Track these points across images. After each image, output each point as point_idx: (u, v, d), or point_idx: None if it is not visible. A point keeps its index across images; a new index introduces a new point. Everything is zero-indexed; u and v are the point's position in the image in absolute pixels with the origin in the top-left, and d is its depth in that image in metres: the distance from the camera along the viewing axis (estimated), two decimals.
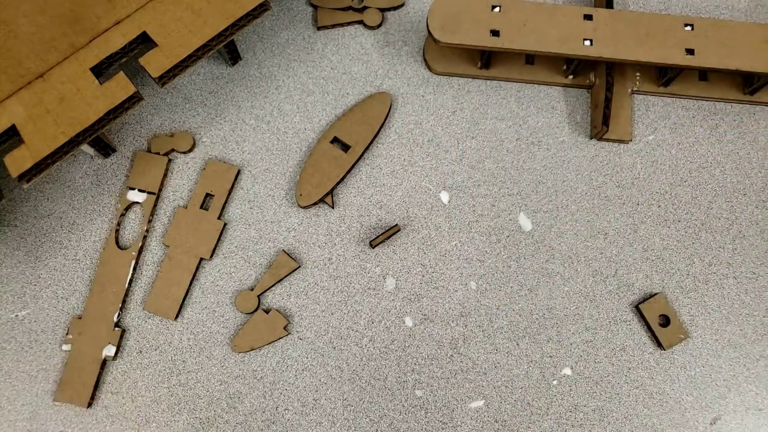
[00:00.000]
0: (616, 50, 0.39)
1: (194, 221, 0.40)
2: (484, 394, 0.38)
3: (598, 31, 0.39)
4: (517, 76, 0.43)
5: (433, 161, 0.42)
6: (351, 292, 0.39)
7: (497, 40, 0.39)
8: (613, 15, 0.40)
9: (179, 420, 0.37)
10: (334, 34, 0.45)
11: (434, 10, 0.40)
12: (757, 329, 0.39)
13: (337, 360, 0.38)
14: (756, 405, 0.38)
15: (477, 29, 0.39)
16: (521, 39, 0.39)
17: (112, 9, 0.36)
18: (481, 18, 0.40)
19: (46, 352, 0.38)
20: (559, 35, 0.39)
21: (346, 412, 0.37)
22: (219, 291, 0.39)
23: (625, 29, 0.39)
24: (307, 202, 0.40)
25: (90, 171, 0.42)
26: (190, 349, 0.38)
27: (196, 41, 0.36)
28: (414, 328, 0.39)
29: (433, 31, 0.39)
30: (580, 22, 0.39)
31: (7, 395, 0.38)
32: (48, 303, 0.39)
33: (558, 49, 0.39)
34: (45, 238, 0.40)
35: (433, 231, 0.40)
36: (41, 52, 0.35)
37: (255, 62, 0.44)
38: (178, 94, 0.43)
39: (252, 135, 0.42)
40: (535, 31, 0.39)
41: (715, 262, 0.40)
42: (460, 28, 0.39)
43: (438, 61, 0.43)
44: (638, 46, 0.39)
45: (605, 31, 0.39)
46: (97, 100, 0.35)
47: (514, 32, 0.39)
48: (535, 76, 0.43)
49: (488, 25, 0.39)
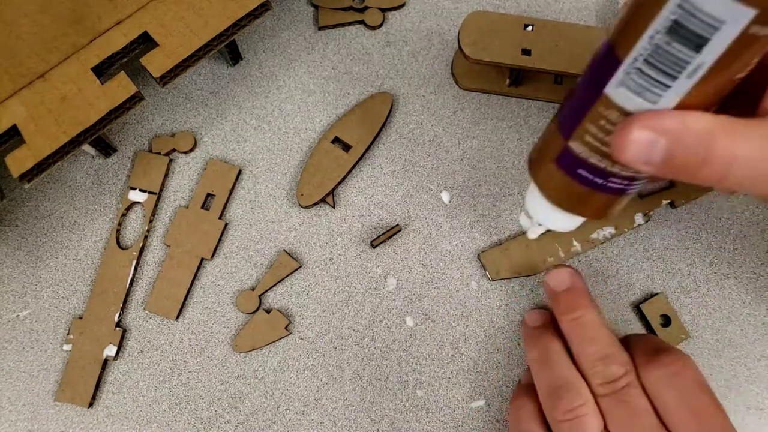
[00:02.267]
0: None
1: (195, 221, 0.40)
2: (485, 394, 0.38)
3: None
4: (545, 96, 0.43)
5: (434, 161, 0.42)
6: (352, 292, 0.39)
7: (528, 59, 0.39)
8: None
9: (180, 420, 0.37)
10: (335, 34, 0.45)
11: (466, 26, 0.40)
12: (758, 329, 0.39)
13: (338, 360, 0.38)
14: (757, 405, 0.38)
15: (508, 47, 0.39)
16: (553, 59, 0.39)
17: (113, 9, 0.36)
18: (513, 36, 0.39)
19: (47, 352, 0.38)
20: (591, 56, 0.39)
21: (347, 411, 0.37)
22: (220, 291, 0.39)
23: None
24: (308, 202, 0.40)
25: (91, 171, 0.42)
26: (191, 349, 0.38)
27: (198, 41, 0.36)
28: (415, 328, 0.39)
29: (465, 47, 0.39)
30: None
31: (8, 395, 0.38)
32: (49, 303, 0.39)
33: None
34: (46, 238, 0.40)
35: (434, 231, 0.40)
36: (42, 51, 0.35)
37: (256, 62, 0.44)
38: (179, 94, 0.43)
39: (253, 135, 0.42)
40: (567, 51, 0.39)
41: (715, 262, 0.40)
42: (491, 46, 0.39)
43: (466, 77, 0.43)
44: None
45: None
46: (99, 99, 0.35)
47: (546, 52, 0.39)
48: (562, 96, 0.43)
49: (520, 43, 0.39)
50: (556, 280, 0.36)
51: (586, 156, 0.27)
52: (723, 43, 0.21)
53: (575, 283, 0.36)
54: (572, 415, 0.30)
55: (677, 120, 0.23)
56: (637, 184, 0.28)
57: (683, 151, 0.23)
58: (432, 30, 0.45)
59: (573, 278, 0.36)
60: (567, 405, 0.31)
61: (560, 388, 0.31)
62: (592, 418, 0.30)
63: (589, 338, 0.33)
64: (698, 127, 0.23)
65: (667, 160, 0.23)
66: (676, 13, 0.21)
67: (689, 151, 0.23)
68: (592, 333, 0.33)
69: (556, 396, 0.31)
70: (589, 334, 0.33)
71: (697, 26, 0.21)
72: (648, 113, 0.23)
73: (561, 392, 0.31)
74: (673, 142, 0.23)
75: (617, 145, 0.24)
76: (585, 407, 0.30)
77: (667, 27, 0.21)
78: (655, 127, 0.23)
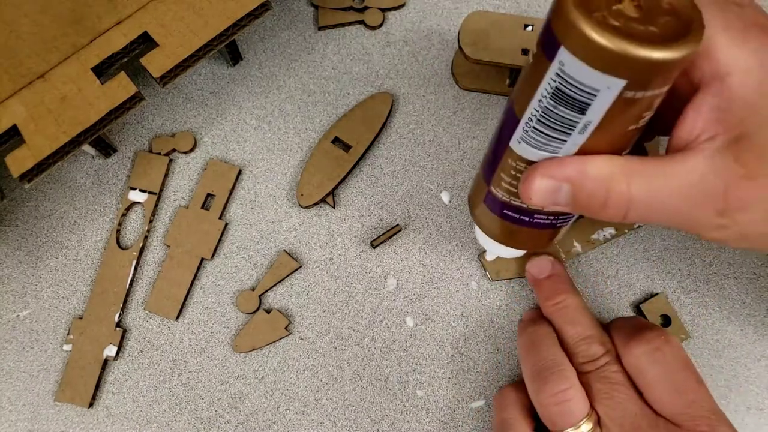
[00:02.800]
0: None
1: (195, 221, 0.40)
2: (485, 394, 0.38)
3: None
4: None
5: (434, 161, 0.42)
6: (352, 292, 0.39)
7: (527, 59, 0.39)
8: None
9: (180, 420, 0.37)
10: (335, 34, 0.45)
11: (466, 26, 0.40)
12: (757, 329, 0.39)
13: (338, 360, 0.38)
14: (757, 405, 0.38)
15: (508, 47, 0.39)
16: None
17: (113, 9, 0.36)
18: (513, 36, 0.39)
19: (47, 352, 0.38)
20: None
21: (348, 411, 0.37)
22: (220, 291, 0.39)
23: None
24: (308, 202, 0.40)
25: (91, 171, 0.42)
26: (191, 349, 0.38)
27: (198, 41, 0.36)
28: (415, 328, 0.39)
29: (465, 47, 0.39)
30: None
31: (8, 395, 0.38)
32: (49, 303, 0.39)
33: None
34: (46, 238, 0.40)
35: (434, 231, 0.40)
36: (42, 51, 0.35)
37: (256, 62, 0.44)
38: (179, 94, 0.43)
39: (253, 135, 0.42)
40: None
41: (715, 262, 0.40)
42: (491, 45, 0.39)
43: (466, 77, 0.43)
44: None
45: None
46: (99, 100, 0.35)
47: None
48: None
49: (520, 43, 0.39)
50: (537, 268, 0.37)
51: (507, 199, 0.29)
52: (603, 106, 0.22)
53: (556, 270, 0.37)
54: (559, 399, 0.31)
55: (576, 167, 0.24)
56: (568, 218, 0.29)
57: (585, 195, 0.24)
58: (432, 30, 0.45)
59: (554, 266, 0.37)
60: (553, 388, 0.31)
61: (546, 370, 0.32)
62: (578, 402, 0.31)
63: (571, 321, 0.34)
64: (596, 173, 0.24)
65: (571, 202, 0.25)
66: (556, 81, 0.22)
67: (590, 194, 0.24)
68: (574, 316, 0.34)
69: (542, 379, 0.32)
70: (571, 317, 0.34)
71: (576, 93, 0.22)
72: (549, 162, 0.25)
73: (546, 374, 0.32)
74: (574, 187, 0.24)
75: (524, 193, 0.26)
76: (571, 390, 0.31)
77: (551, 93, 0.23)
78: (556, 176, 0.24)
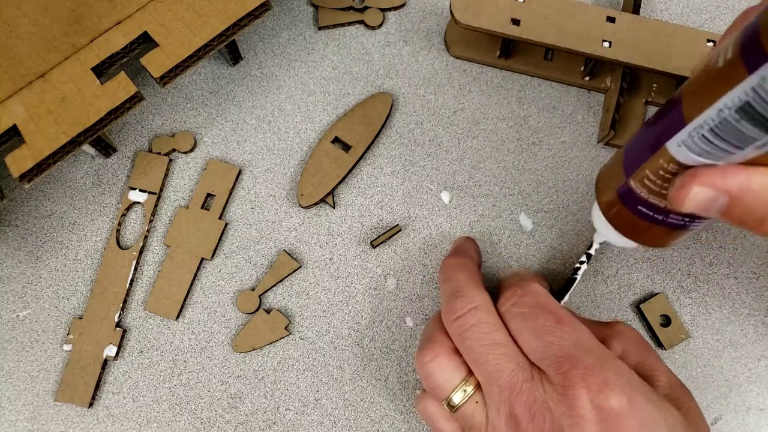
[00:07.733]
0: (632, 56, 0.39)
1: (195, 221, 0.40)
2: None
3: (618, 35, 0.39)
4: (534, 70, 0.43)
5: (434, 161, 0.42)
6: (352, 292, 0.39)
7: (517, 29, 0.39)
8: (636, 21, 0.40)
9: (180, 420, 0.37)
10: (335, 34, 0.45)
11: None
12: (758, 329, 0.39)
13: (338, 360, 0.38)
14: (757, 405, 0.38)
15: (498, 15, 0.39)
16: (541, 31, 0.39)
17: (113, 9, 0.36)
18: (505, 5, 0.40)
19: (47, 352, 0.38)
20: (579, 33, 0.39)
21: (348, 412, 0.37)
22: (220, 291, 0.39)
23: (646, 36, 0.39)
24: (308, 202, 0.40)
25: (91, 171, 0.42)
26: (191, 349, 0.38)
27: (198, 41, 0.36)
28: (415, 328, 0.39)
29: (455, 12, 0.39)
30: (602, 23, 0.39)
31: (8, 395, 0.38)
32: (49, 303, 0.39)
33: (575, 46, 0.39)
34: (46, 238, 0.40)
35: (435, 231, 0.40)
36: (42, 51, 0.35)
37: (256, 62, 0.44)
38: (179, 94, 0.43)
39: (253, 135, 0.42)
40: (556, 25, 0.39)
41: (716, 262, 0.40)
42: (482, 12, 0.39)
43: (458, 44, 0.43)
44: (656, 55, 0.39)
45: (626, 35, 0.39)
46: (99, 99, 0.35)
47: (535, 23, 0.39)
48: (552, 72, 0.43)
49: (510, 13, 0.40)
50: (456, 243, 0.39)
51: (645, 196, 0.27)
52: None
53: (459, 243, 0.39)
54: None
55: (741, 179, 0.22)
56: (703, 222, 0.28)
57: (741, 209, 0.23)
58: (432, 30, 0.45)
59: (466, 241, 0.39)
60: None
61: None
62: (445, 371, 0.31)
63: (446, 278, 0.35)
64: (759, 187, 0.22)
65: (724, 213, 0.23)
66: (749, 95, 0.20)
67: (748, 209, 0.23)
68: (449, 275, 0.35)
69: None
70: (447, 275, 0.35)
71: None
72: (711, 170, 0.23)
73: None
74: (732, 199, 0.23)
75: (676, 198, 0.24)
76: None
77: (738, 106, 0.21)
78: (717, 186, 0.23)
